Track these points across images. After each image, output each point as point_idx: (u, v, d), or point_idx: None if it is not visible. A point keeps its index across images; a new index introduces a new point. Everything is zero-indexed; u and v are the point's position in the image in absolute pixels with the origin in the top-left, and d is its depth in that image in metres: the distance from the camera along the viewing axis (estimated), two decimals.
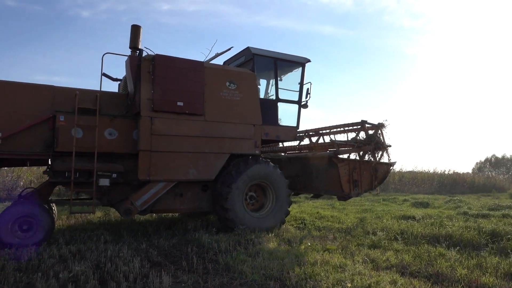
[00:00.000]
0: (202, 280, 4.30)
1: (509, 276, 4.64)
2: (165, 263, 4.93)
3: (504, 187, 31.31)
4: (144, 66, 6.54)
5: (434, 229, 7.33)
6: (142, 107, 6.40)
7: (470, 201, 16.17)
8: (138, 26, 6.99)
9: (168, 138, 6.60)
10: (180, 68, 6.78)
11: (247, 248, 5.66)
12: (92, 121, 6.20)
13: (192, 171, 6.79)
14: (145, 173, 6.38)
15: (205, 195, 7.27)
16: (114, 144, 6.42)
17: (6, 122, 5.80)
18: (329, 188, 8.36)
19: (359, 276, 4.40)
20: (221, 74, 7.27)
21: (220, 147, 7.08)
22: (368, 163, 8.50)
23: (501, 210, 12.26)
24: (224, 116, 7.16)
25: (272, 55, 8.05)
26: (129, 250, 5.32)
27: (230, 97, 7.27)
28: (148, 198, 6.53)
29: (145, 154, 6.39)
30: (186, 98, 6.73)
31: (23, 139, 5.94)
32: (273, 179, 7.62)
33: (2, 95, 5.89)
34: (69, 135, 6.06)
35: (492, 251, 5.93)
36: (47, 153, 6.12)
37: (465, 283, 4.33)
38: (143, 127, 6.38)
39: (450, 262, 5.18)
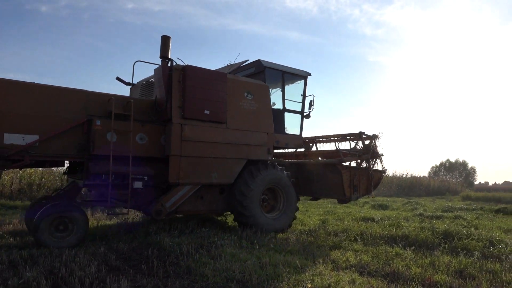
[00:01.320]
0: (162, 284, 4.21)
1: (460, 274, 4.90)
2: (124, 267, 4.78)
3: (457, 190, 33.10)
4: (175, 76, 6.87)
5: (392, 230, 7.61)
6: (174, 114, 6.76)
7: (426, 203, 16.95)
8: (167, 37, 7.20)
9: (196, 144, 6.99)
10: (207, 78, 7.18)
11: (209, 250, 5.60)
12: (127, 126, 6.43)
13: (214, 175, 7.23)
14: (175, 177, 6.75)
15: (221, 198, 7.68)
16: (144, 148, 6.72)
17: (43, 125, 5.95)
18: (331, 192, 9.12)
19: (319, 276, 4.48)
20: (240, 85, 7.76)
21: (238, 153, 7.55)
22: (365, 170, 9.43)
23: (454, 211, 12.94)
24: (242, 124, 7.66)
25: (280, 68, 8.71)
26: (86, 254, 5.12)
27: (248, 107, 7.80)
28: (176, 200, 6.90)
29: (175, 158, 6.76)
30: (211, 107, 7.15)
31: (59, 142, 6.09)
32: (284, 183, 8.16)
33: (40, 99, 6.03)
34: (105, 139, 6.28)
35: (445, 250, 6.24)
36: (81, 156, 6.27)
37: (419, 281, 4.52)
38: (174, 133, 6.73)
39: (405, 261, 5.40)
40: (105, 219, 8.63)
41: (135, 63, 7.12)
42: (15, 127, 5.78)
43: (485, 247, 6.34)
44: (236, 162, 7.53)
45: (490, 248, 6.29)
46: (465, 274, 4.86)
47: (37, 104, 5.99)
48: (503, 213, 13.78)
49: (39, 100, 6.02)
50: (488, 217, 11.81)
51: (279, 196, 8.21)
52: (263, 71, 8.43)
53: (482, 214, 12.81)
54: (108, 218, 8.58)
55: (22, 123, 5.84)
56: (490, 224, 9.28)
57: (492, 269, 5.05)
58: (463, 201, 21.44)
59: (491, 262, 5.41)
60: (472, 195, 25.69)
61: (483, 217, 11.65)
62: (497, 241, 6.66)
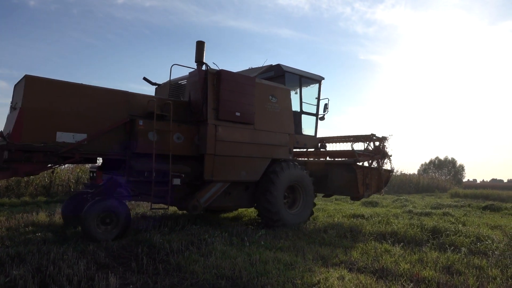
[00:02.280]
0: (152, 281, 4.19)
1: (447, 269, 4.96)
2: (113, 265, 4.74)
3: (446, 187, 33.49)
4: (210, 79, 7.28)
5: (381, 226, 7.68)
6: (209, 116, 7.18)
7: (415, 200, 17.12)
8: (202, 42, 7.61)
9: (228, 143, 7.44)
10: (238, 82, 7.64)
11: (200, 248, 5.59)
12: (166, 126, 6.79)
13: (243, 173, 7.71)
14: (209, 174, 7.18)
15: (246, 194, 8.15)
16: (180, 147, 7.05)
17: (91, 125, 6.29)
18: (346, 189, 9.88)
19: (309, 273, 4.50)
20: (266, 88, 8.26)
21: (264, 152, 8.07)
22: (376, 169, 10.21)
23: (442, 208, 13.10)
24: (267, 126, 8.16)
25: (298, 72, 9.32)
26: (75, 252, 5.06)
27: (272, 109, 8.32)
28: (210, 196, 7.32)
29: (210, 157, 7.18)
30: (242, 109, 7.63)
31: (104, 140, 6.43)
32: (304, 181, 8.72)
33: (88, 99, 6.37)
34: (147, 138, 6.61)
35: (433, 246, 6.31)
36: (124, 154, 6.61)
37: (407, 277, 4.57)
38: (209, 134, 7.14)
39: (394, 257, 5.45)
40: None
41: (172, 66, 7.43)
42: (66, 126, 6.09)
43: (472, 243, 6.43)
44: (262, 161, 8.04)
45: (477, 244, 6.39)
46: (452, 269, 4.92)
47: (85, 105, 6.32)
48: (490, 210, 14.00)
49: (87, 101, 6.36)
50: (476, 214, 11.97)
51: (299, 193, 8.74)
52: (283, 75, 9.00)
53: (470, 211, 12.99)
54: None
55: (72, 122, 6.15)
56: (477, 221, 9.41)
57: (479, 265, 5.13)
58: (452, 198, 21.73)
59: (478, 258, 5.50)
60: (460, 192, 26.03)
61: (471, 214, 11.81)
62: (484, 237, 6.77)
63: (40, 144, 5.85)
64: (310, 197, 8.84)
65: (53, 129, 5.98)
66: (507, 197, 22.56)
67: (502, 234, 7.42)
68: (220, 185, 7.45)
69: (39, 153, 5.90)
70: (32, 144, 5.79)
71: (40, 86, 5.99)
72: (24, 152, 5.79)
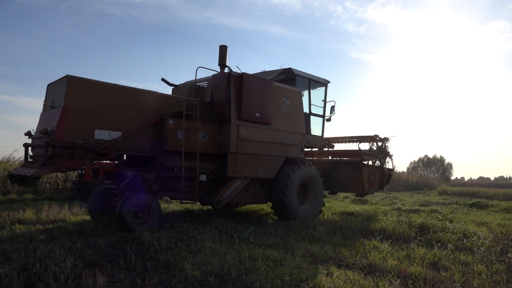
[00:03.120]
0: (140, 279, 4.16)
1: (434, 265, 5.03)
2: (101, 262, 4.71)
3: (434, 185, 33.89)
4: (233, 82, 7.72)
5: (370, 223, 7.73)
6: (232, 116, 7.62)
7: (404, 198, 17.32)
8: (225, 46, 8.15)
9: (248, 142, 7.90)
10: (258, 85, 8.08)
11: (189, 245, 5.58)
12: (193, 125, 7.21)
13: (261, 170, 8.21)
14: (232, 171, 7.67)
15: (262, 190, 8.64)
16: (205, 145, 7.47)
17: (125, 123, 6.66)
18: (352, 187, 10.61)
19: (297, 269, 4.52)
20: (281, 91, 8.75)
21: (280, 151, 8.56)
22: (379, 168, 11.01)
23: (430, 206, 13.26)
24: (282, 126, 8.66)
25: (307, 76, 9.89)
26: (62, 249, 5.00)
27: (286, 110, 8.83)
28: (231, 192, 7.81)
29: (233, 155, 7.64)
30: (261, 110, 8.09)
31: (137, 138, 6.81)
32: (314, 178, 9.26)
33: (123, 99, 6.71)
34: (176, 136, 7.00)
35: (420, 243, 6.38)
36: (155, 151, 7.01)
37: (395, 273, 4.61)
38: (232, 133, 7.59)
39: (382, 254, 5.50)
40: (83, 214, 8.47)
41: (198, 68, 7.84)
42: (103, 124, 6.43)
43: (458, 240, 6.52)
44: (277, 159, 8.54)
45: (464, 240, 6.48)
46: (439, 265, 4.99)
47: (120, 104, 6.66)
48: (477, 207, 14.22)
49: (122, 100, 6.70)
50: (463, 211, 12.15)
51: (310, 190, 9.30)
52: (294, 78, 9.58)
53: (457, 208, 13.18)
54: (86, 213, 8.42)
55: (108, 120, 6.49)
56: (464, 218, 9.54)
57: (465, 261, 5.21)
58: (440, 196, 22.00)
59: (464, 254, 5.58)
60: (448, 190, 26.37)
61: (458, 211, 11.99)
62: (470, 234, 6.87)
63: (81, 141, 6.19)
64: (320, 194, 9.39)
65: (92, 127, 6.32)
66: (493, 194, 22.92)
67: (488, 230, 7.54)
68: (240, 182, 7.95)
69: (80, 150, 6.22)
70: (73, 141, 6.12)
71: (81, 86, 6.30)
72: (67, 149, 6.09)
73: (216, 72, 8.07)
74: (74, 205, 9.54)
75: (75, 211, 8.80)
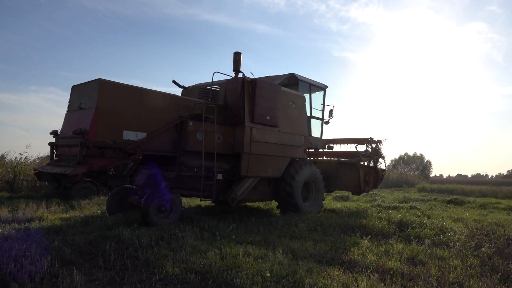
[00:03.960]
0: (119, 277, 4.11)
1: (411, 260, 5.13)
2: (79, 261, 4.62)
3: (414, 182, 34.61)
4: (246, 87, 8.20)
5: (351, 220, 7.84)
6: (246, 119, 8.10)
7: (385, 195, 17.63)
8: (239, 53, 8.61)
9: (260, 144, 8.38)
10: (268, 90, 8.57)
11: (170, 242, 5.53)
12: (211, 127, 7.67)
13: (270, 170, 8.73)
14: (245, 170, 8.16)
15: (268, 188, 9.15)
16: (220, 146, 7.88)
17: (150, 124, 7.04)
18: (349, 185, 11.44)
19: (278, 265, 4.53)
20: (287, 95, 9.32)
21: (286, 152, 9.11)
22: (373, 168, 11.81)
23: (409, 202, 13.56)
24: (288, 128, 9.21)
25: (308, 81, 10.53)
26: (38, 248, 4.88)
27: (291, 114, 9.38)
28: (244, 190, 8.29)
29: (246, 155, 8.11)
30: (270, 114, 8.60)
31: (160, 139, 7.19)
32: (316, 177, 9.91)
33: (148, 102, 7.07)
34: (195, 137, 7.46)
35: (399, 238, 6.51)
36: (175, 151, 7.43)
37: (374, 268, 4.69)
38: (246, 135, 8.05)
39: (362, 249, 5.58)
40: (61, 212, 8.30)
41: (214, 73, 8.20)
42: (130, 125, 6.80)
43: (436, 235, 6.68)
44: (284, 159, 9.08)
45: (441, 236, 6.64)
46: (416, 260, 5.10)
47: (145, 106, 7.03)
48: (454, 203, 14.61)
49: (147, 103, 7.06)
50: (441, 208, 12.47)
51: (312, 188, 9.91)
52: (297, 83, 10.21)
53: (436, 205, 13.52)
54: (65, 211, 8.26)
55: (135, 122, 6.85)
56: (441, 214, 9.79)
57: (441, 256, 5.34)
58: (419, 193, 22.48)
59: (441, 249, 5.71)
60: (427, 187, 26.97)
61: (436, 208, 12.29)
62: (447, 230, 7.05)
63: (111, 141, 6.53)
64: (321, 192, 10.07)
65: (121, 128, 6.68)
66: (470, 191, 23.56)
67: (464, 226, 7.75)
68: (252, 180, 8.47)
69: (110, 150, 6.58)
70: (104, 141, 6.45)
71: (111, 89, 6.67)
72: (99, 149, 6.45)
73: (230, 77, 8.56)
74: (52, 203, 9.33)
75: (53, 209, 8.62)
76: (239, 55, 8.60)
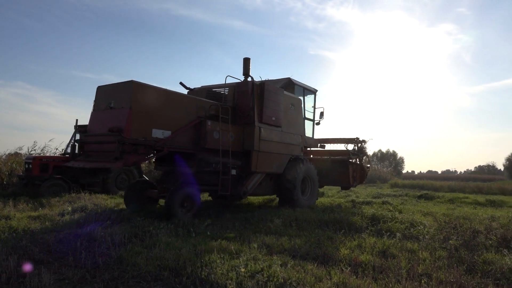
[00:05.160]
0: (90, 275, 4.01)
1: (383, 253, 5.26)
2: (48, 260, 4.49)
3: (387, 178, 35.41)
4: (256, 90, 8.90)
5: (325, 215, 7.95)
6: (256, 119, 8.79)
7: (359, 191, 17.97)
8: (248, 59, 9.14)
9: (267, 142, 9.15)
10: (274, 93, 9.32)
11: (143, 240, 5.45)
12: (226, 126, 8.33)
13: (274, 166, 9.51)
14: (255, 166, 8.90)
15: (270, 183, 9.88)
16: (233, 144, 8.45)
17: (174, 124, 7.55)
18: (339, 181, 12.58)
19: (253, 261, 4.55)
20: (288, 98, 10.24)
21: (287, 150, 9.96)
22: (360, 165, 12.92)
23: (382, 198, 13.87)
24: (289, 129, 10.09)
25: (302, 85, 11.44)
26: (5, 248, 4.72)
27: (291, 115, 10.27)
28: (253, 185, 9.02)
29: (255, 153, 8.85)
30: (275, 115, 9.38)
31: (182, 137, 7.71)
32: (313, 174, 10.82)
33: (172, 102, 7.62)
34: (213, 136, 8.03)
35: (371, 232, 6.66)
36: (195, 149, 7.97)
37: (347, 262, 4.78)
38: (256, 134, 8.76)
39: (336, 244, 5.68)
40: (29, 210, 8.02)
41: (227, 77, 9.14)
42: (158, 124, 7.28)
43: (406, 229, 6.86)
44: (285, 157, 9.90)
45: (411, 229, 6.83)
46: (387, 253, 5.22)
47: (170, 107, 7.53)
48: (424, 198, 15.08)
49: (171, 103, 7.59)
50: (412, 202, 12.83)
51: (308, 183, 10.73)
52: (293, 87, 11.03)
53: (407, 200, 13.90)
54: (33, 209, 7.98)
55: (161, 121, 7.33)
56: (412, 209, 10.07)
57: (411, 248, 5.49)
58: (392, 188, 23.05)
59: (411, 242, 5.89)
60: (399, 182, 27.69)
61: (407, 202, 12.65)
62: (417, 223, 7.25)
63: (142, 139, 6.98)
64: (316, 187, 10.98)
65: (150, 127, 7.15)
66: (440, 187, 24.39)
67: (433, 220, 8.00)
68: (259, 176, 9.19)
69: (141, 146, 7.03)
70: (137, 138, 6.92)
71: (143, 90, 7.12)
72: (132, 145, 6.89)
73: (238, 79, 9.22)
74: (20, 201, 9.01)
75: (21, 207, 8.32)
76: (248, 60, 9.13)
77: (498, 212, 10.27)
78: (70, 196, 10.17)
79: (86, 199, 9.57)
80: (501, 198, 15.58)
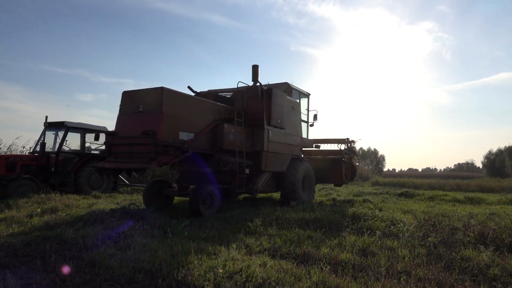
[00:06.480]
0: (60, 279, 3.82)
1: (363, 251, 5.22)
2: (15, 264, 4.27)
3: (368, 176, 35.84)
4: (264, 94, 9.63)
5: (306, 214, 7.89)
6: (265, 122, 9.55)
7: (340, 189, 18.03)
8: (257, 66, 9.89)
9: (274, 143, 9.92)
10: (280, 97, 10.09)
11: (117, 241, 5.25)
12: (240, 129, 9.08)
13: (279, 165, 10.32)
14: (264, 166, 9.69)
15: (273, 181, 10.61)
16: (244, 145, 9.15)
17: (196, 126, 8.13)
18: (333, 178, 13.52)
19: (231, 261, 4.43)
20: (289, 102, 11.01)
21: (289, 150, 10.76)
22: (351, 164, 13.91)
23: (363, 196, 13.97)
24: (290, 130, 10.89)
25: (298, 89, 12.30)
26: None
27: (292, 118, 11.02)
28: (262, 183, 9.86)
29: (265, 153, 9.63)
30: (280, 117, 10.13)
31: (202, 139, 8.24)
32: (311, 172, 11.73)
33: (195, 107, 8.22)
34: (229, 138, 8.71)
35: (352, 231, 6.61)
36: (212, 150, 8.53)
37: (327, 260, 4.71)
38: (265, 136, 9.54)
39: (316, 242, 5.61)
40: None
41: (238, 83, 9.95)
42: (184, 127, 7.83)
43: (386, 227, 6.86)
44: (288, 157, 10.73)
45: (391, 227, 6.83)
46: (367, 251, 5.19)
47: (193, 111, 8.12)
48: (405, 196, 15.27)
49: (194, 107, 8.18)
50: (392, 200, 12.96)
51: (306, 181, 11.50)
52: (291, 91, 11.74)
53: (388, 198, 14.04)
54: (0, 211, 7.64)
55: (186, 124, 7.90)
56: (393, 206, 10.13)
57: (391, 246, 5.47)
58: (373, 186, 23.34)
59: (390, 240, 5.87)
60: (380, 180, 28.09)
61: (388, 200, 12.76)
62: (397, 221, 7.26)
63: (171, 141, 7.45)
64: (313, 184, 11.89)
65: (177, 129, 7.68)
66: (420, 184, 24.81)
67: (413, 217, 8.04)
68: (267, 175, 10.04)
69: (171, 148, 7.43)
70: (168, 140, 7.39)
71: (171, 96, 7.69)
72: (164, 147, 7.32)
73: (246, 85, 9.93)
74: None
75: None
76: (257, 67, 9.85)
77: (476, 209, 10.45)
78: (39, 196, 9.73)
79: (57, 200, 9.24)
80: (479, 196, 15.90)
